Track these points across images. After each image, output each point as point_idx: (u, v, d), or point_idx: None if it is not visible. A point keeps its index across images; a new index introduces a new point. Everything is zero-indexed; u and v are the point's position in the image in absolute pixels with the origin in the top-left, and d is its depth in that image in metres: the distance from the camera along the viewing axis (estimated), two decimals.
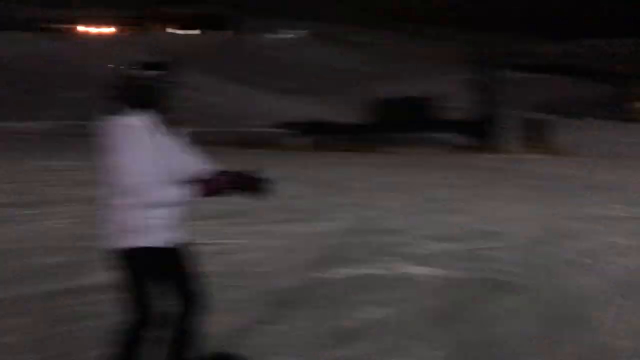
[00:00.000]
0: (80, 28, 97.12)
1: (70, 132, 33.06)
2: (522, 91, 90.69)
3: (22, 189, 12.23)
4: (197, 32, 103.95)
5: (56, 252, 6.65)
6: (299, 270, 6.19)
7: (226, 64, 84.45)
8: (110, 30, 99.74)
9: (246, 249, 7.12)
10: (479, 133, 37.04)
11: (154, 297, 2.76)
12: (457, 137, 38.32)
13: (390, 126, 39.92)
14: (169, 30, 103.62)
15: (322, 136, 42.35)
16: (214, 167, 2.94)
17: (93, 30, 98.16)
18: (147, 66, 2.79)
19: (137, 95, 2.72)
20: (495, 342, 4.19)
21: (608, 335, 4.36)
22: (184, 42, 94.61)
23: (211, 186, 2.76)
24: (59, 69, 63.49)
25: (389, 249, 7.31)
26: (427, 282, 5.87)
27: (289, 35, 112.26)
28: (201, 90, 68.73)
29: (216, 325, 3.48)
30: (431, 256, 6.98)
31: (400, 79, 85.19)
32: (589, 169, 22.13)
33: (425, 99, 42.48)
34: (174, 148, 2.80)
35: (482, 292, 5.56)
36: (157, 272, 2.76)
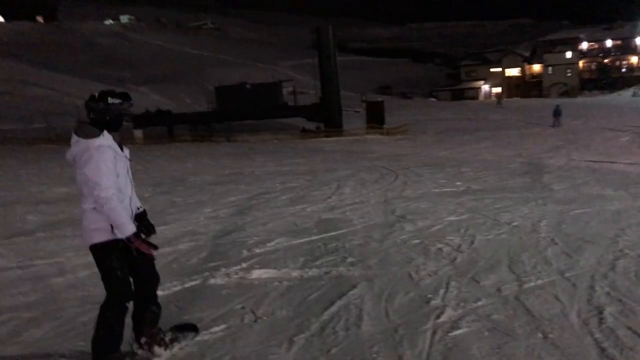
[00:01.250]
0: None
1: None
2: (363, 74, 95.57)
3: None
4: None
5: None
6: None
7: (51, 55, 76.94)
8: None
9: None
10: (324, 117, 37.70)
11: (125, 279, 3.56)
12: (305, 121, 38.89)
13: (237, 113, 39.31)
14: None
15: (166, 127, 40.76)
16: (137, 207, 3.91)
17: None
18: (112, 96, 3.44)
19: (107, 120, 3.45)
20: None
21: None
22: None
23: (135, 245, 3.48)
24: None
25: (232, 250, 6.76)
26: (269, 284, 5.40)
27: (123, 20, 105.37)
28: (26, 83, 62.33)
29: None
30: (274, 253, 6.56)
31: (245, 65, 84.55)
32: (426, 147, 23.68)
33: (270, 84, 42.41)
34: (126, 166, 3.65)
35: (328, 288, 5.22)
36: (120, 261, 3.52)
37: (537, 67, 75.11)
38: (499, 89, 73.45)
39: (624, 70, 68.41)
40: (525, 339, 4.01)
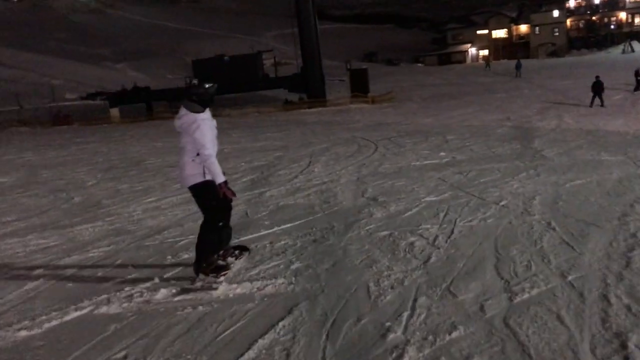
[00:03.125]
0: None
1: None
2: (347, 42, 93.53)
3: None
4: None
5: None
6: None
7: (25, 34, 74.36)
8: None
9: None
10: (306, 87, 36.44)
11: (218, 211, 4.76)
12: (288, 93, 37.64)
13: (219, 87, 37.84)
14: None
15: (144, 104, 39.45)
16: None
17: None
18: (207, 83, 4.73)
19: (205, 100, 4.70)
20: None
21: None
22: None
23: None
24: None
25: (155, 256, 5.74)
26: (177, 312, 4.37)
27: None
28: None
29: None
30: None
31: (225, 37, 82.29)
32: (412, 114, 22.67)
33: (249, 56, 40.90)
34: (216, 133, 4.80)
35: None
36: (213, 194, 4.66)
37: (524, 28, 73.58)
38: (486, 52, 72.08)
39: (612, 27, 67.12)
40: None
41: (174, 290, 4.57)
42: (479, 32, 75.85)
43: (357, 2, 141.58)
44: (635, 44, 59.15)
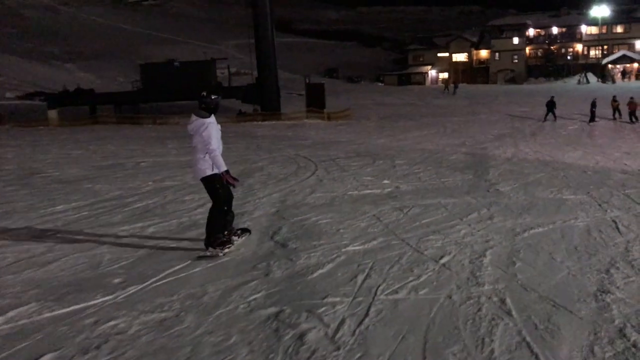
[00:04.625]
0: None
1: None
2: (310, 56, 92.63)
3: None
4: None
5: None
6: None
7: None
8: None
9: None
10: (260, 99, 35.00)
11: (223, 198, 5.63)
12: (241, 104, 36.12)
13: (165, 94, 36.08)
14: None
15: (86, 107, 37.23)
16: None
17: None
18: (214, 94, 5.73)
19: (212, 108, 5.69)
20: None
21: None
22: None
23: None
24: None
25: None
26: None
27: None
28: None
29: None
30: None
31: (185, 44, 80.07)
32: (366, 133, 21.77)
33: (202, 62, 39.24)
34: (220, 134, 5.79)
35: None
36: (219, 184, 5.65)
37: (484, 53, 74.16)
38: (446, 75, 72.29)
39: (569, 57, 68.30)
40: None
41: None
42: (440, 54, 76.05)
43: (324, 18, 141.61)
44: (590, 75, 60.15)
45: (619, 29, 65.97)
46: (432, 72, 76.15)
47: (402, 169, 11.41)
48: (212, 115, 5.64)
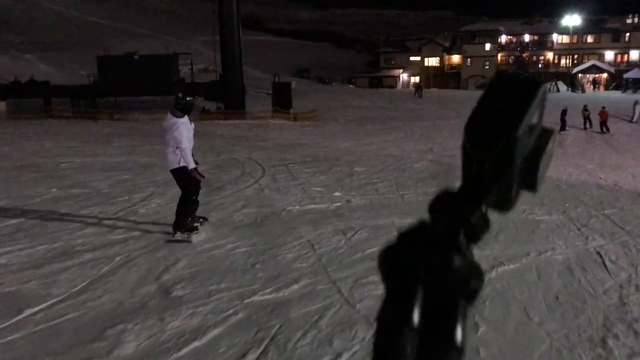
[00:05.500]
0: None
1: None
2: (282, 55, 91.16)
3: None
4: None
5: None
6: None
7: None
8: None
9: None
10: (226, 97, 33.57)
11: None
12: (204, 101, 34.61)
13: (123, 88, 34.28)
14: None
15: (41, 100, 35.16)
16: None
17: None
18: (188, 96, 6.39)
19: (185, 109, 6.24)
20: None
21: None
22: None
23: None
24: None
25: None
26: None
27: None
28: None
29: None
30: None
31: (153, 38, 77.75)
32: (331, 136, 20.79)
33: (164, 57, 37.52)
34: (192, 133, 6.36)
35: None
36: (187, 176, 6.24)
37: (456, 58, 73.79)
38: (417, 79, 71.66)
39: (540, 65, 68.38)
40: None
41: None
42: (412, 58, 75.45)
43: (297, 18, 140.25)
44: (560, 84, 60.20)
45: (590, 39, 66.33)
46: (404, 76, 75.58)
47: (360, 178, 10.22)
48: (186, 115, 6.20)
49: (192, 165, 6.07)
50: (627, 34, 63.78)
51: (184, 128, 6.04)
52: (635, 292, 4.13)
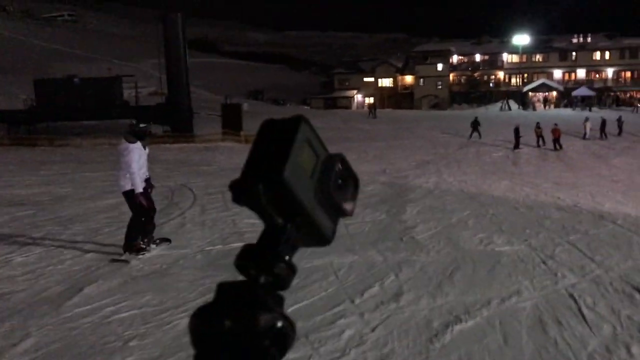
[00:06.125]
0: None
1: None
2: (235, 77, 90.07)
3: None
4: None
5: None
6: None
7: None
8: None
9: None
10: (172, 120, 32.23)
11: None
12: (151, 125, 33.16)
13: (62, 112, 32.51)
14: None
15: None
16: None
17: None
18: (142, 124, 6.88)
19: (139, 135, 6.58)
20: None
21: None
22: None
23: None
24: None
25: None
26: None
27: None
28: None
29: None
30: None
31: (101, 61, 75.45)
32: None
33: (106, 79, 35.90)
34: (145, 158, 6.70)
35: None
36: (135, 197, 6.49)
37: (409, 79, 74.32)
38: (371, 99, 71.76)
39: (491, 85, 69.50)
40: None
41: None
42: (365, 79, 75.58)
43: (251, 40, 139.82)
44: (512, 102, 61.10)
45: (539, 58, 67.86)
46: (359, 97, 75.60)
47: None
48: (139, 141, 6.50)
49: (138, 190, 6.29)
50: (574, 53, 65.56)
51: (135, 153, 6.33)
52: (627, 358, 3.22)
